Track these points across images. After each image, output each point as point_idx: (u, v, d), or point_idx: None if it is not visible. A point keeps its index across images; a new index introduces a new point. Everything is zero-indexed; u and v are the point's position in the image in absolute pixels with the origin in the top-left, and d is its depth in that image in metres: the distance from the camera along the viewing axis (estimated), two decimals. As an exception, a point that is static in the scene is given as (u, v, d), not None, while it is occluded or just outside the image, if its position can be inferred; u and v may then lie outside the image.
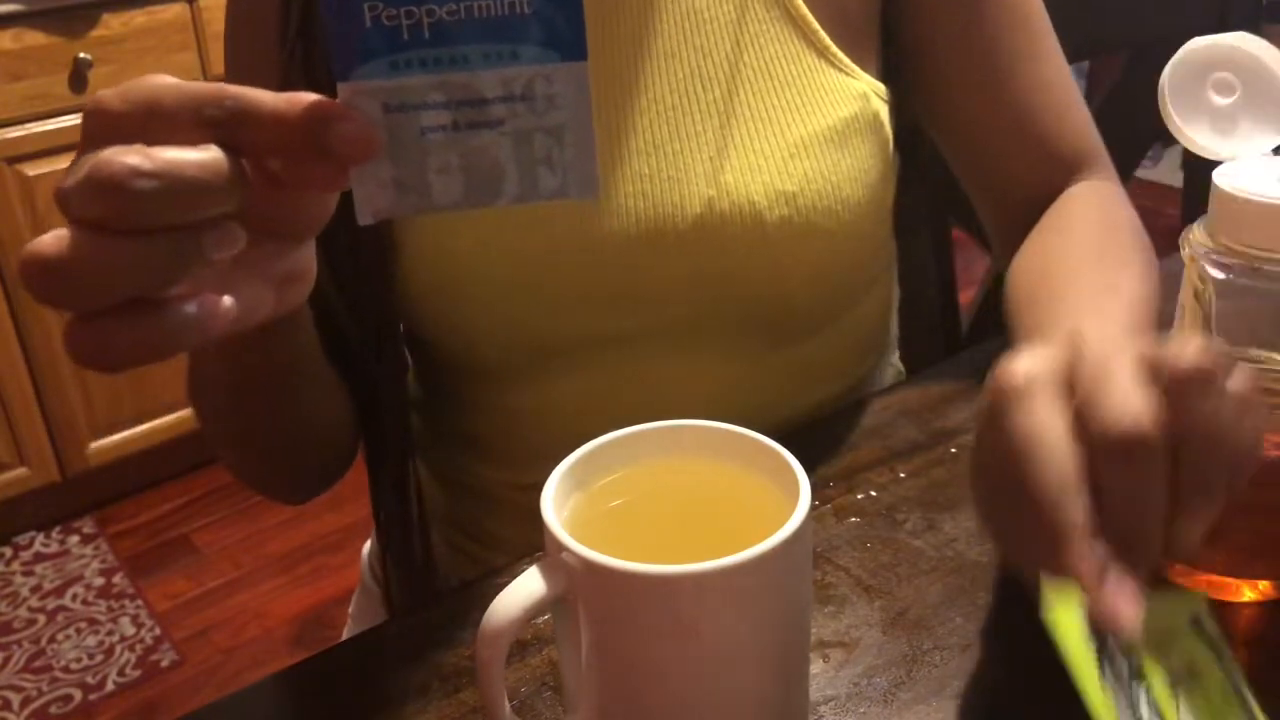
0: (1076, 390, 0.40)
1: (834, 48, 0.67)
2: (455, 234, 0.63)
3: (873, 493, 0.63)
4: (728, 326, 0.67)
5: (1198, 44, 0.55)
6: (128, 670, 1.88)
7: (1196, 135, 0.54)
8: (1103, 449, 0.38)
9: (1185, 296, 0.51)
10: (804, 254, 0.64)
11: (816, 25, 0.66)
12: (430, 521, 0.74)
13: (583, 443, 0.46)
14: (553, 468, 0.44)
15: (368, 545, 0.90)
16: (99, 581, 2.09)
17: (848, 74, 0.67)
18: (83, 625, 1.98)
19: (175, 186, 0.34)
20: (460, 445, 0.75)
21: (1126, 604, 0.38)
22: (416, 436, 0.75)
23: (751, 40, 0.65)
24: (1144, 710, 0.40)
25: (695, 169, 0.64)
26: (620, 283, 0.64)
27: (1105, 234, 0.65)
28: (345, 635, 0.89)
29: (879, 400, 0.71)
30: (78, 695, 1.83)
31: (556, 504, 0.42)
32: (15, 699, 1.82)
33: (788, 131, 0.65)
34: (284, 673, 0.54)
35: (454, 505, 0.77)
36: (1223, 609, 0.54)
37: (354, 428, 0.69)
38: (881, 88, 0.69)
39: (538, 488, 0.43)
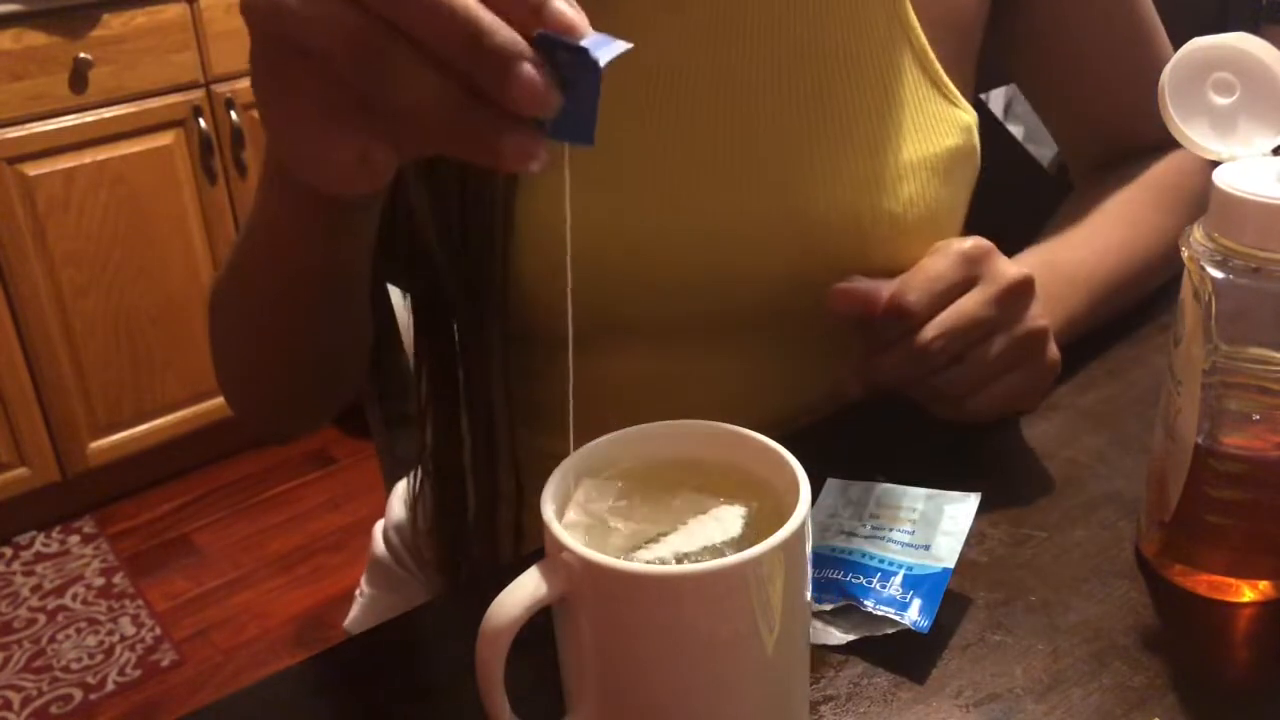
0: None
1: (945, 78, 0.69)
2: (562, 209, 0.64)
3: (873, 493, 0.63)
4: (802, 322, 0.68)
5: (1198, 44, 0.55)
6: (128, 670, 1.88)
7: (1196, 135, 0.54)
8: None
9: (1185, 296, 0.51)
10: (895, 271, 0.65)
11: (933, 56, 0.68)
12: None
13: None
14: None
15: (380, 524, 0.91)
16: (99, 581, 2.09)
17: (956, 105, 0.69)
18: (83, 625, 1.98)
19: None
20: (517, 410, 0.74)
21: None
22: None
23: (875, 61, 0.67)
24: None
25: (810, 178, 0.65)
26: (714, 276, 0.66)
27: (1147, 194, 0.78)
28: (355, 612, 0.89)
29: (880, 399, 0.71)
30: (78, 695, 1.83)
31: (556, 504, 0.42)
32: (15, 699, 1.82)
33: (900, 153, 0.66)
34: (284, 673, 0.54)
35: None
36: (1223, 609, 0.54)
37: (363, 363, 0.70)
38: (976, 118, 0.71)
39: None
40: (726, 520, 0.44)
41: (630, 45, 0.36)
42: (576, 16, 0.36)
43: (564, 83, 0.36)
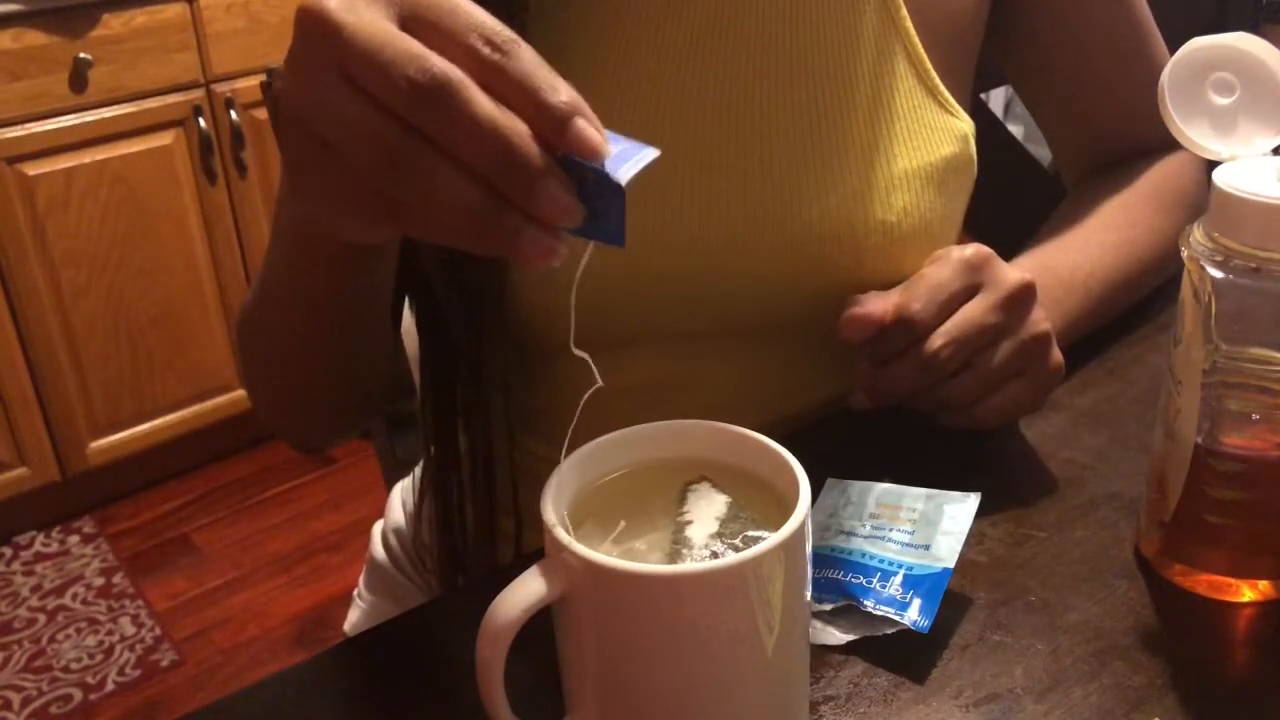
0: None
1: (942, 88, 0.69)
2: None
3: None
4: (798, 328, 0.69)
5: (1198, 44, 0.55)
6: (128, 670, 1.88)
7: (1196, 135, 0.54)
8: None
9: (1185, 296, 0.51)
10: (890, 280, 0.65)
11: (929, 65, 0.68)
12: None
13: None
14: None
15: (379, 525, 0.91)
16: (99, 581, 2.09)
17: (952, 114, 0.69)
18: (83, 625, 1.98)
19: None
20: (515, 418, 0.75)
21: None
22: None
23: (869, 70, 0.67)
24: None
25: (803, 188, 0.65)
26: (709, 287, 0.66)
27: (1143, 196, 0.78)
28: (356, 618, 0.89)
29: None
30: (78, 695, 1.83)
31: (557, 504, 0.42)
32: (15, 699, 1.82)
33: (894, 163, 0.66)
34: (284, 673, 0.54)
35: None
36: (1223, 609, 0.54)
37: (386, 374, 0.71)
38: (974, 126, 0.71)
39: None
40: (705, 494, 0.44)
41: (657, 153, 0.37)
42: (598, 139, 0.37)
43: (591, 195, 0.37)
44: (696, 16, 0.65)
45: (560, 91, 0.37)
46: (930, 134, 0.68)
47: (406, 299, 0.71)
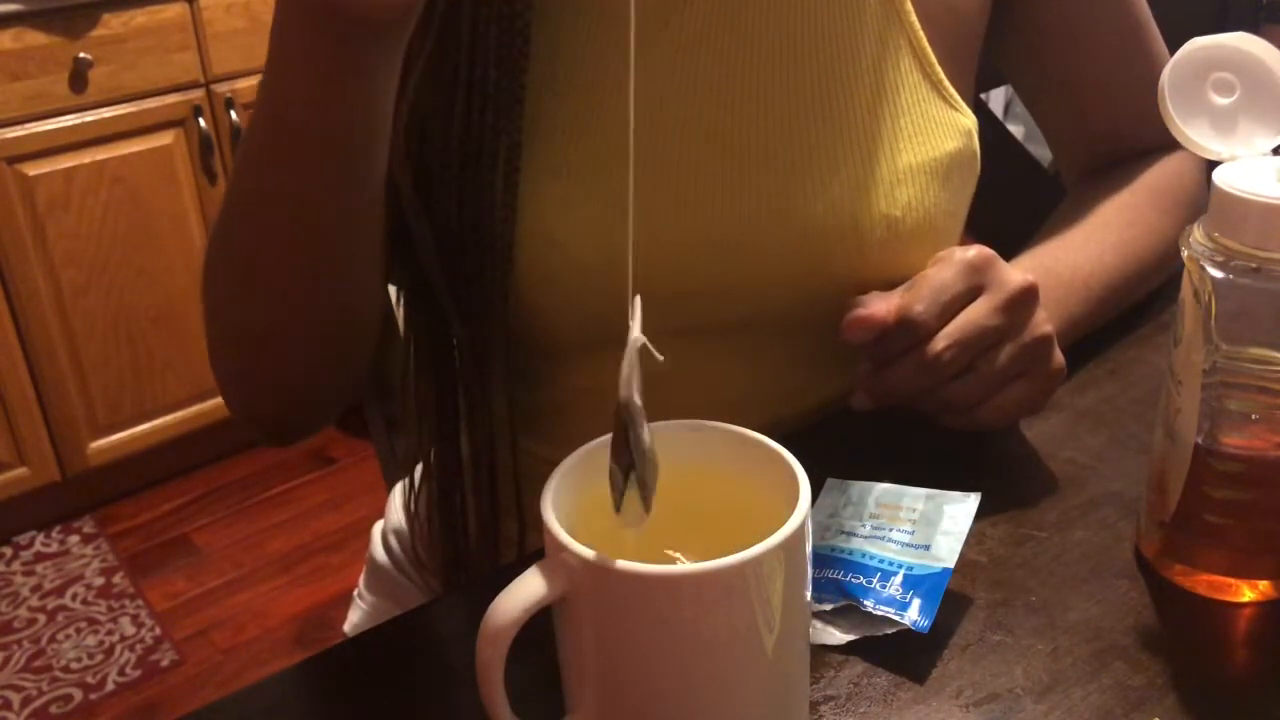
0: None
1: (946, 82, 0.69)
2: (561, 219, 0.64)
3: (873, 493, 0.63)
4: (800, 326, 0.69)
5: (1198, 44, 0.55)
6: (128, 670, 1.88)
7: (1196, 135, 0.54)
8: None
9: (1185, 296, 0.51)
10: (894, 275, 0.65)
11: (934, 59, 0.68)
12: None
13: None
14: None
15: (379, 525, 0.91)
16: (99, 581, 2.09)
17: (956, 109, 0.69)
18: (83, 625, 1.98)
19: None
20: (517, 419, 0.74)
21: None
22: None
23: (873, 64, 0.67)
24: None
25: (807, 183, 0.65)
26: (713, 283, 0.65)
27: (1143, 196, 0.78)
28: (356, 618, 0.89)
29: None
30: (78, 695, 1.83)
31: (557, 504, 0.42)
32: (15, 699, 1.82)
33: (898, 157, 0.66)
34: (284, 673, 0.54)
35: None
36: (1223, 609, 0.54)
37: (371, 343, 0.68)
38: (976, 122, 0.71)
39: None
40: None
41: None
42: None
43: None
44: (699, 11, 0.65)
45: None
46: (935, 128, 0.67)
47: (404, 300, 0.71)
